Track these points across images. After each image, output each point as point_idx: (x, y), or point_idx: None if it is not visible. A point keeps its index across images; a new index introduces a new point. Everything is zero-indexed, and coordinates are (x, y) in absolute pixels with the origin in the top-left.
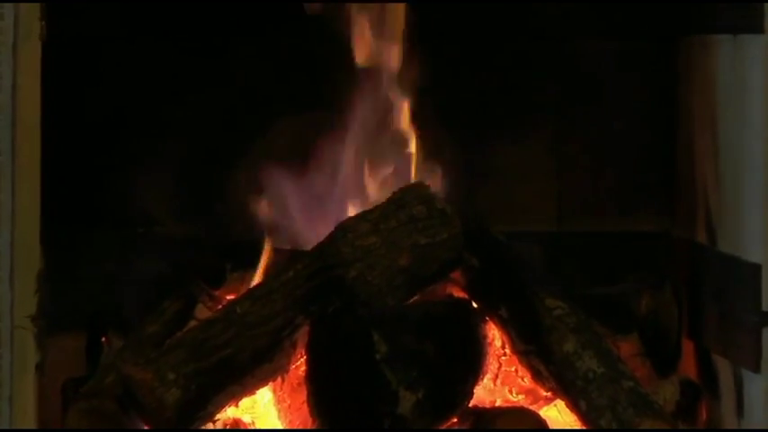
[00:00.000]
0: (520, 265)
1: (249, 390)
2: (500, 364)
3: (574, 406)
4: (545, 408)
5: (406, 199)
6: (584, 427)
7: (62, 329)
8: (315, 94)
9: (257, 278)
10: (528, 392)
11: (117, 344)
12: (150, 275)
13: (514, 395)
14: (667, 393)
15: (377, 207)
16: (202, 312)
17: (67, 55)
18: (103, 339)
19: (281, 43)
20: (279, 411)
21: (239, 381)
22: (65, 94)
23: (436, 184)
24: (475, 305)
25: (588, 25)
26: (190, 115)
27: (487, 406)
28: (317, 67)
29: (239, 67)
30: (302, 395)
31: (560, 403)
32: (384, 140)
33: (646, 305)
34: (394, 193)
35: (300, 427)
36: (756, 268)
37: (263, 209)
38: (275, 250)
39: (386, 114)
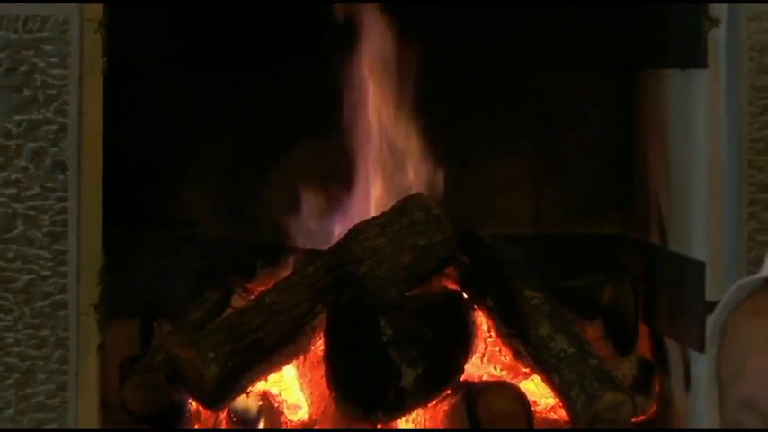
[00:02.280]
0: (503, 262)
1: (276, 366)
2: (486, 345)
3: (548, 380)
4: (524, 381)
5: (407, 207)
6: (557, 399)
7: (120, 316)
8: (331, 116)
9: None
10: (510, 369)
11: (166, 328)
12: (193, 271)
13: (498, 371)
14: (626, 370)
15: (383, 213)
16: (237, 302)
17: (125, 82)
18: (154, 324)
19: (307, 72)
20: (301, 384)
21: (268, 359)
22: (123, 118)
23: (433, 194)
24: (465, 296)
25: (560, 60)
26: (227, 136)
27: (475, 380)
28: (334, 94)
29: (268, 93)
30: (321, 371)
31: (537, 378)
32: (388, 158)
33: (608, 296)
34: (397, 202)
35: (319, 398)
36: (701, 265)
37: (289, 215)
38: (298, 250)
39: (390, 135)
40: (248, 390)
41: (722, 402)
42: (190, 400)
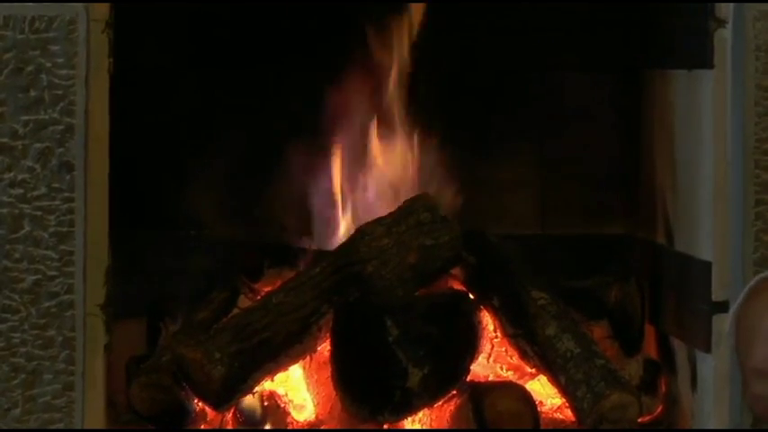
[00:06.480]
0: (509, 262)
1: (283, 367)
2: (492, 346)
3: (555, 380)
4: (530, 382)
5: (413, 207)
6: (564, 399)
7: (127, 316)
8: (336, 119)
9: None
10: (516, 369)
11: (172, 328)
12: (200, 271)
13: (504, 371)
14: (633, 370)
15: (390, 214)
16: (244, 302)
17: (131, 82)
18: (161, 324)
19: (313, 71)
20: (307, 385)
21: (275, 359)
22: (129, 118)
23: (439, 194)
24: (471, 296)
25: (568, 60)
26: (234, 135)
27: (482, 380)
28: (340, 94)
29: (275, 95)
30: (327, 371)
31: (543, 378)
32: (395, 159)
33: (614, 296)
34: (404, 202)
35: (326, 398)
36: (707, 265)
37: (295, 215)
38: (304, 250)
39: (398, 137)
40: (254, 390)
41: (744, 389)
42: (196, 401)
